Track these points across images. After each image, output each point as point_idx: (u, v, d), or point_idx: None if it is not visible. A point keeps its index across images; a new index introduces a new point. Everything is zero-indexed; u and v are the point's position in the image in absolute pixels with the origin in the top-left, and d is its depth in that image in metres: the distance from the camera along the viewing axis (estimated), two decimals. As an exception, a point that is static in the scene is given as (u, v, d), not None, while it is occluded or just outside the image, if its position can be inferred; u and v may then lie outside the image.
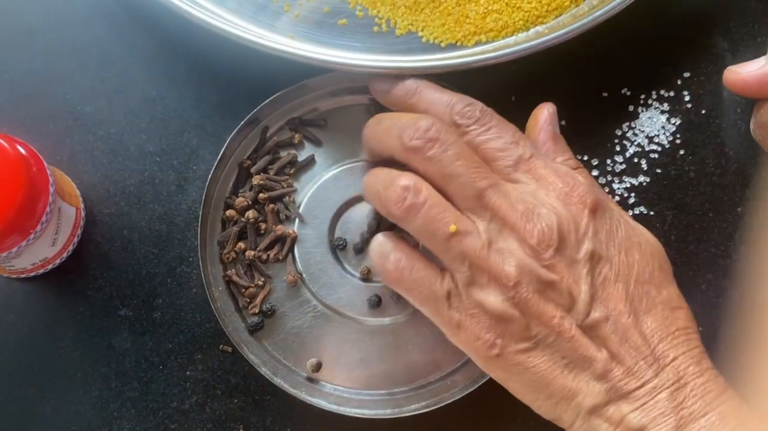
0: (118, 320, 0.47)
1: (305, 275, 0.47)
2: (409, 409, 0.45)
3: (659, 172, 0.49)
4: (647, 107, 0.50)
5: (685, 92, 0.50)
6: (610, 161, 0.49)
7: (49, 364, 0.47)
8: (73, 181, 0.48)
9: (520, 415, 0.46)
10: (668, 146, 0.50)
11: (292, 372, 0.46)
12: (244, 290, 0.46)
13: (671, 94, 0.50)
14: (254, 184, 0.47)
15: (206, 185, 0.46)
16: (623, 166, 0.49)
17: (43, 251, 0.45)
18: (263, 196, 0.47)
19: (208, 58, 0.49)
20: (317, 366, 0.45)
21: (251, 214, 0.46)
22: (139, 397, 0.47)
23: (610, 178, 0.49)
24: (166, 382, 0.47)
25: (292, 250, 0.47)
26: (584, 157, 0.49)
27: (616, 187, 0.49)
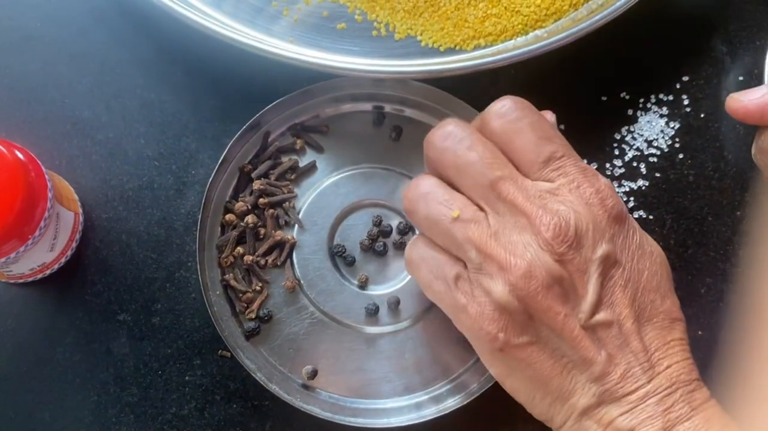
0: (116, 326, 0.47)
1: (303, 282, 0.46)
2: (404, 419, 0.45)
3: (658, 176, 0.49)
4: (646, 111, 0.50)
5: (684, 96, 0.50)
6: (609, 165, 0.49)
7: (47, 369, 0.47)
8: (71, 186, 0.48)
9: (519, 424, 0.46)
10: (667, 150, 0.50)
11: (287, 378, 0.45)
12: (241, 295, 0.46)
13: (670, 98, 0.50)
14: (254, 189, 0.46)
15: (206, 189, 0.46)
16: (622, 170, 0.49)
17: (41, 257, 0.45)
18: (263, 201, 0.46)
19: (206, 62, 0.49)
20: (313, 373, 0.45)
21: (251, 219, 0.46)
22: (137, 403, 0.47)
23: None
24: (164, 387, 0.47)
25: (290, 256, 0.47)
26: (584, 161, 0.49)
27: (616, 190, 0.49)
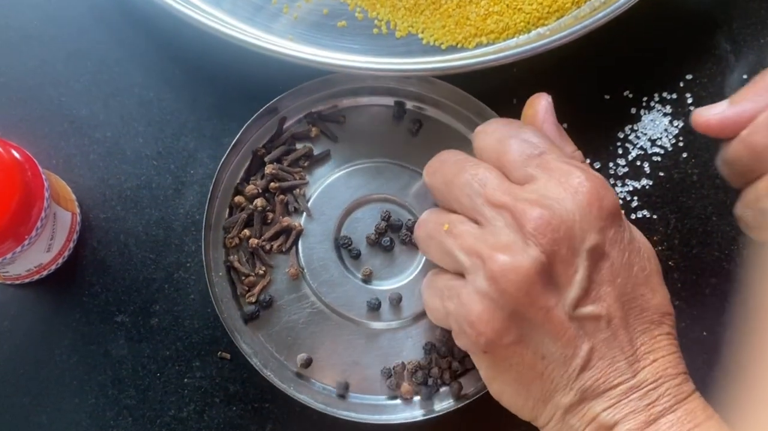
0: (114, 327, 0.47)
1: (306, 271, 0.46)
2: (399, 417, 0.45)
3: (662, 175, 0.49)
4: (650, 110, 0.49)
5: (687, 95, 0.50)
6: (612, 165, 0.49)
7: (44, 372, 0.46)
8: (68, 185, 0.47)
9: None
10: (671, 149, 0.49)
11: (282, 366, 0.45)
12: (243, 278, 0.46)
13: (674, 96, 0.50)
14: (266, 173, 0.46)
15: (218, 168, 0.46)
16: (626, 169, 0.49)
17: (38, 257, 0.44)
18: (274, 185, 0.46)
19: (205, 61, 0.49)
20: (307, 361, 0.45)
21: (260, 202, 0.46)
22: (136, 405, 0.46)
23: (612, 181, 0.49)
24: (163, 390, 0.46)
25: (296, 243, 0.46)
26: (587, 160, 0.49)
27: (618, 190, 0.49)
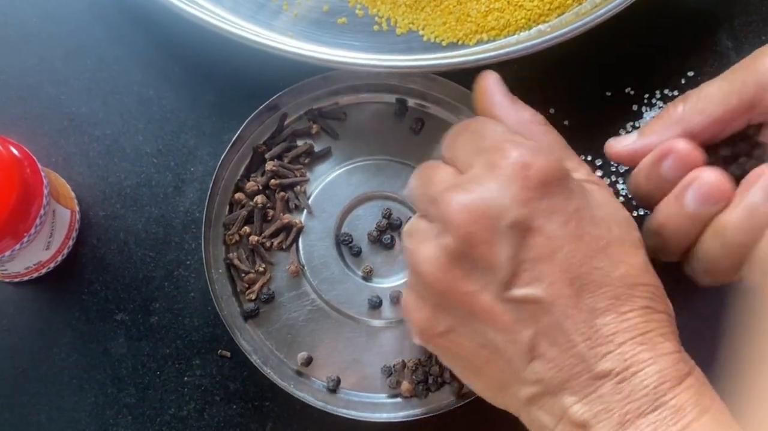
0: (114, 325, 0.47)
1: (307, 268, 0.46)
2: (399, 415, 0.45)
3: (664, 172, 0.49)
4: (651, 107, 0.49)
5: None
6: (613, 162, 0.49)
7: (43, 370, 0.46)
8: (68, 183, 0.47)
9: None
10: (673, 146, 0.49)
11: (282, 363, 0.45)
12: (243, 275, 0.45)
13: (675, 93, 0.49)
14: (267, 169, 0.46)
15: (218, 165, 0.45)
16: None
17: (37, 255, 0.44)
18: (275, 182, 0.46)
19: (205, 58, 0.49)
20: (308, 360, 0.45)
21: (260, 199, 0.46)
22: (135, 404, 0.46)
23: (614, 178, 0.49)
24: (163, 388, 0.46)
25: (296, 240, 0.46)
26: (588, 157, 0.49)
27: (620, 187, 0.49)
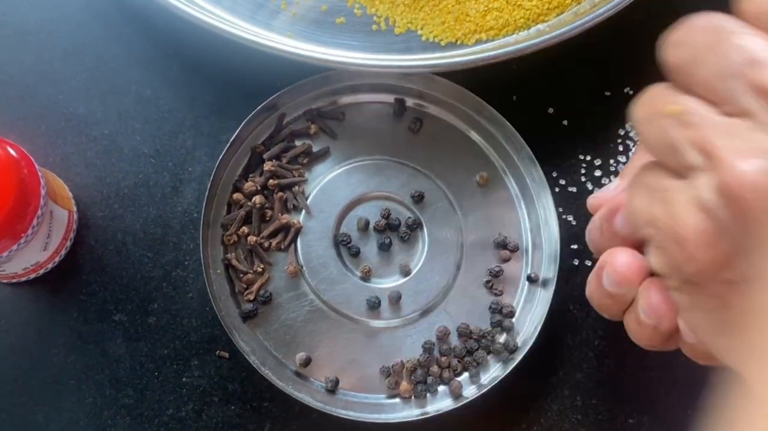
0: (112, 326, 0.46)
1: (305, 269, 0.46)
2: (399, 416, 0.44)
3: (663, 172, 0.49)
4: (650, 107, 0.49)
5: (688, 91, 0.49)
6: (613, 161, 0.49)
7: (41, 371, 0.46)
8: (65, 183, 0.47)
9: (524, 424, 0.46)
10: (672, 146, 0.49)
11: (281, 364, 0.45)
12: (242, 276, 0.45)
13: (675, 93, 0.49)
14: (265, 170, 0.46)
15: (216, 165, 0.45)
16: (626, 166, 0.49)
17: (34, 256, 0.44)
18: (273, 182, 0.46)
19: (203, 58, 0.49)
20: (306, 360, 0.45)
21: (258, 199, 0.46)
22: (133, 404, 0.46)
23: (613, 178, 0.49)
24: (161, 389, 0.46)
25: (295, 241, 0.46)
26: (587, 157, 0.49)
27: (619, 188, 0.48)
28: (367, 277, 0.46)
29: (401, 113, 0.48)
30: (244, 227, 0.46)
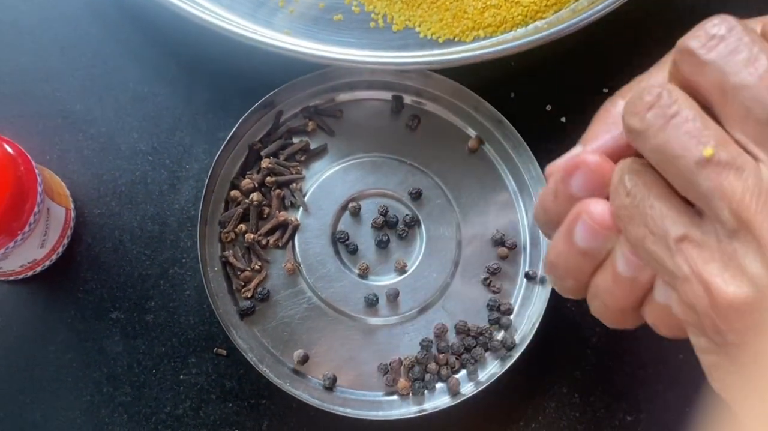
0: (109, 324, 0.46)
1: (303, 266, 0.46)
2: (395, 413, 0.44)
3: (661, 169, 0.49)
4: (648, 104, 0.49)
5: (686, 88, 0.49)
6: (611, 159, 0.49)
7: (38, 369, 0.46)
8: (62, 181, 0.47)
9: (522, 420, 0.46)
10: (670, 143, 0.49)
11: (278, 361, 0.45)
12: (239, 273, 0.45)
13: (673, 90, 0.49)
14: (263, 167, 0.46)
15: (213, 162, 0.45)
16: (624, 163, 0.49)
17: (31, 253, 0.44)
18: (270, 180, 0.46)
19: (200, 55, 0.49)
20: (304, 358, 0.45)
21: (256, 197, 0.46)
22: (131, 402, 0.46)
23: (611, 176, 0.48)
24: (159, 386, 0.46)
25: (292, 238, 0.46)
26: (585, 154, 0.48)
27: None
28: (364, 274, 0.46)
29: (399, 110, 0.48)
30: (241, 225, 0.46)
